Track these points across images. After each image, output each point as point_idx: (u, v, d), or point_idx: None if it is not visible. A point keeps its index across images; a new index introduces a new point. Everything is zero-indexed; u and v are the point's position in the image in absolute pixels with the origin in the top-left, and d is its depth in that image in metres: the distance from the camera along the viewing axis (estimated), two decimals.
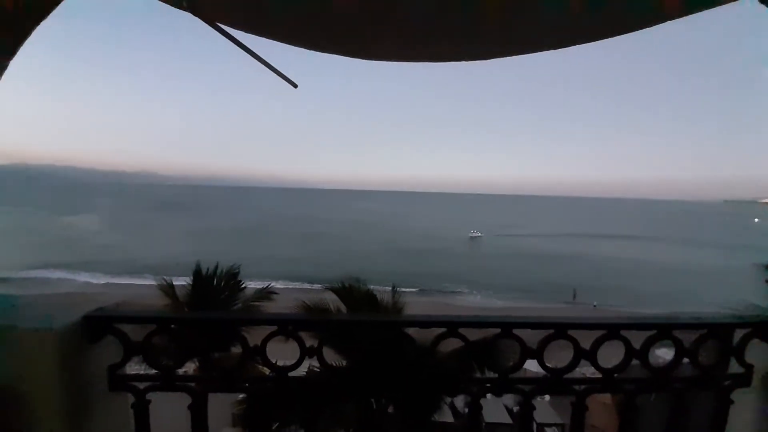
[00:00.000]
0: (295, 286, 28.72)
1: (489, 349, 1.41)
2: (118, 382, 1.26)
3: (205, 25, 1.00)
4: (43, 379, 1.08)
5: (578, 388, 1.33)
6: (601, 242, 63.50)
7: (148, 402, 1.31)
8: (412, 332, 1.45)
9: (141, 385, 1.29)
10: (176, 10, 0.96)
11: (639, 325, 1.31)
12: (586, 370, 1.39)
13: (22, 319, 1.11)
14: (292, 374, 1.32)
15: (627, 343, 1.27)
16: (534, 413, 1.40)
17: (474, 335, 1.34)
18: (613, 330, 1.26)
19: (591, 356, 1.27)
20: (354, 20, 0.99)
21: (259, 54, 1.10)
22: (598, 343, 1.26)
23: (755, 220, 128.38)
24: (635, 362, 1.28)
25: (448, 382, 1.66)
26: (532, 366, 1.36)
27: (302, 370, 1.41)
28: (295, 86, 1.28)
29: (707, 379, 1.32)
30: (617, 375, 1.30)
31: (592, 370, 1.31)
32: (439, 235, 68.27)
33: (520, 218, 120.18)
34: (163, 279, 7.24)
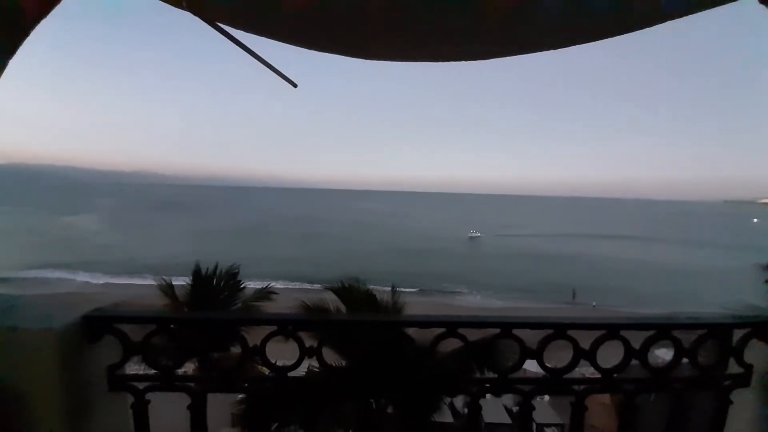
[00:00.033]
0: (295, 286, 28.71)
1: (488, 349, 1.41)
2: (117, 382, 1.26)
3: (205, 25, 0.99)
4: (42, 379, 1.08)
5: (578, 388, 1.33)
6: (600, 242, 63.54)
7: (148, 402, 1.31)
8: (412, 332, 1.45)
9: (140, 385, 1.29)
10: (176, 10, 0.96)
11: (638, 325, 1.31)
12: (585, 371, 1.39)
13: (21, 319, 1.11)
14: (291, 374, 1.32)
15: (626, 343, 1.27)
16: (533, 413, 1.40)
17: (473, 335, 1.34)
18: (612, 330, 1.26)
19: (590, 356, 1.27)
20: (354, 20, 0.99)
21: (258, 54, 1.10)
22: (598, 343, 1.26)
23: (754, 220, 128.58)
24: (635, 362, 1.28)
25: (447, 382, 1.66)
26: (532, 366, 1.36)
27: (302, 370, 1.41)
28: (294, 86, 1.28)
29: (706, 379, 1.32)
30: (617, 375, 1.31)
31: (592, 371, 1.31)
32: (438, 235, 68.28)
33: (520, 218, 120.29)
34: (162, 279, 7.24)
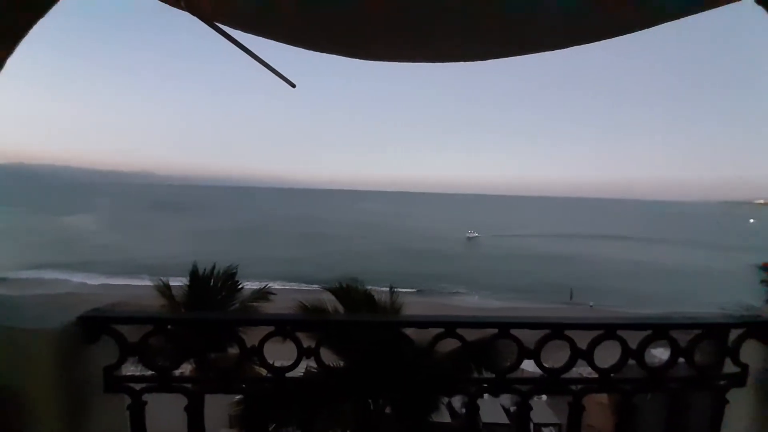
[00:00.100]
0: (293, 286, 28.65)
1: (486, 350, 1.41)
2: (114, 383, 1.25)
3: (204, 25, 0.99)
4: (39, 380, 1.07)
5: (575, 388, 1.33)
6: (597, 243, 63.72)
7: (145, 403, 1.30)
8: (410, 332, 1.45)
9: (137, 387, 1.28)
10: (175, 10, 0.96)
11: (635, 325, 1.32)
12: (582, 370, 1.40)
13: (18, 320, 1.10)
14: (289, 375, 1.32)
15: (623, 343, 1.27)
16: (531, 413, 1.40)
17: (471, 335, 1.34)
18: (609, 330, 1.26)
19: (588, 356, 1.27)
20: (354, 20, 0.99)
21: (257, 54, 1.10)
22: (595, 343, 1.27)
23: (750, 221, 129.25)
24: (631, 362, 1.29)
25: (445, 382, 1.66)
26: (529, 366, 1.36)
27: (300, 370, 1.41)
28: (293, 86, 1.28)
29: (703, 378, 1.33)
30: (614, 375, 1.31)
31: (589, 370, 1.31)
32: (437, 235, 68.28)
33: (518, 219, 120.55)
34: (159, 279, 7.21)
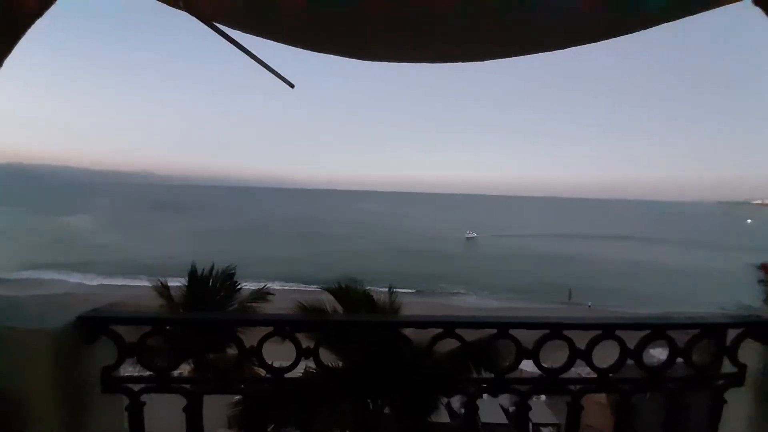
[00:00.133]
0: (292, 287, 28.62)
1: (485, 350, 1.42)
2: (112, 383, 1.25)
3: (203, 25, 0.99)
4: (37, 380, 1.06)
5: (574, 387, 1.34)
6: (595, 243, 63.86)
7: (143, 404, 1.30)
8: (409, 333, 1.45)
9: (135, 387, 1.27)
10: (174, 10, 0.96)
11: (633, 325, 1.32)
12: (581, 370, 1.40)
13: (16, 320, 1.10)
14: (288, 375, 1.32)
15: (622, 343, 1.27)
16: (530, 413, 1.40)
17: (470, 336, 1.34)
18: (608, 330, 1.26)
19: (586, 356, 1.27)
20: (353, 20, 0.99)
21: (256, 54, 1.10)
22: (593, 343, 1.27)
23: (748, 221, 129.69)
24: (630, 362, 1.29)
25: (444, 382, 1.66)
26: (528, 366, 1.36)
27: (299, 371, 1.41)
28: (291, 86, 1.28)
29: (701, 378, 1.33)
30: (612, 375, 1.31)
31: (588, 370, 1.31)
32: (436, 235, 68.32)
33: (517, 219, 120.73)
34: (158, 280, 7.20)
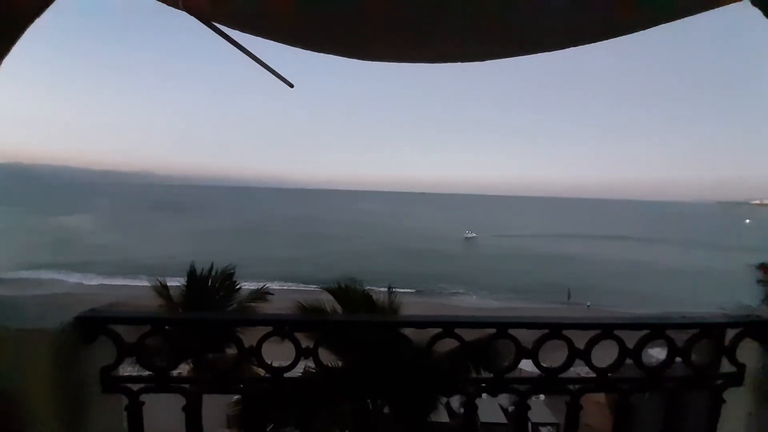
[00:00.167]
0: (291, 287, 28.62)
1: (485, 349, 1.42)
2: (111, 383, 1.25)
3: (202, 25, 0.99)
4: (36, 380, 1.06)
5: (573, 387, 1.34)
6: (594, 243, 63.95)
7: (142, 404, 1.30)
8: (409, 333, 1.45)
9: (134, 387, 1.27)
10: (174, 10, 0.96)
11: (632, 324, 1.32)
12: (580, 370, 1.40)
13: (14, 320, 1.10)
14: (287, 375, 1.32)
15: (621, 342, 1.27)
16: (529, 413, 1.41)
17: (470, 335, 1.35)
18: (607, 330, 1.27)
19: (585, 356, 1.28)
20: (353, 20, 0.99)
21: (255, 53, 1.09)
22: (593, 342, 1.27)
23: (747, 221, 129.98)
24: (629, 362, 1.29)
25: (444, 382, 1.66)
26: (527, 366, 1.36)
27: (298, 371, 1.41)
28: (291, 86, 1.28)
29: (700, 378, 1.34)
30: (611, 374, 1.31)
31: (587, 370, 1.32)
32: (436, 235, 68.35)
33: (517, 219, 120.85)
34: (157, 280, 7.19)
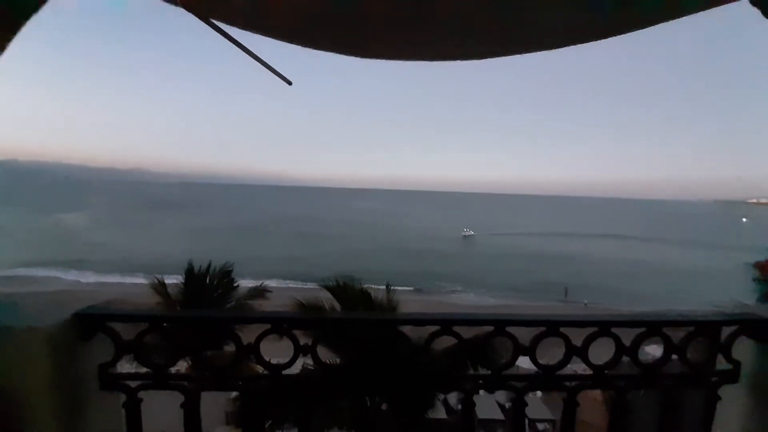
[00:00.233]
0: (290, 284, 28.61)
1: (482, 347, 1.42)
2: (109, 380, 1.25)
3: (201, 23, 0.98)
4: (33, 378, 1.06)
5: (569, 384, 1.35)
6: (592, 241, 64.20)
7: (140, 401, 1.30)
8: (407, 330, 1.46)
9: (133, 384, 1.27)
10: (172, 8, 0.95)
11: (629, 322, 1.33)
12: (577, 367, 1.41)
13: (11, 317, 1.09)
14: (286, 372, 1.32)
15: (617, 340, 1.28)
16: (526, 409, 1.41)
17: (468, 333, 1.35)
18: (603, 327, 1.27)
19: (582, 353, 1.28)
20: (354, 19, 0.99)
21: (254, 51, 1.09)
22: (589, 340, 1.28)
23: (744, 220, 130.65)
24: (625, 359, 1.30)
25: (441, 379, 1.67)
26: (525, 363, 1.37)
27: (296, 368, 1.41)
28: (289, 83, 1.27)
29: (695, 375, 1.35)
30: (608, 371, 1.32)
31: (584, 367, 1.32)
32: (435, 234, 68.43)
33: (515, 217, 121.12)
34: (155, 277, 7.19)
